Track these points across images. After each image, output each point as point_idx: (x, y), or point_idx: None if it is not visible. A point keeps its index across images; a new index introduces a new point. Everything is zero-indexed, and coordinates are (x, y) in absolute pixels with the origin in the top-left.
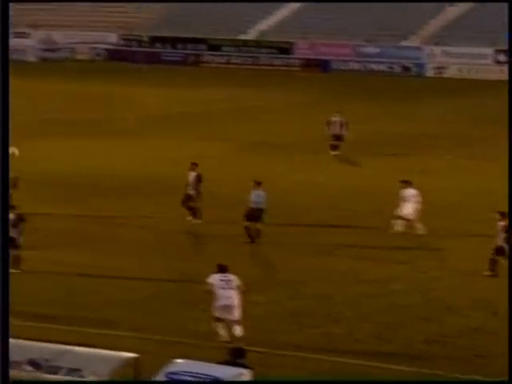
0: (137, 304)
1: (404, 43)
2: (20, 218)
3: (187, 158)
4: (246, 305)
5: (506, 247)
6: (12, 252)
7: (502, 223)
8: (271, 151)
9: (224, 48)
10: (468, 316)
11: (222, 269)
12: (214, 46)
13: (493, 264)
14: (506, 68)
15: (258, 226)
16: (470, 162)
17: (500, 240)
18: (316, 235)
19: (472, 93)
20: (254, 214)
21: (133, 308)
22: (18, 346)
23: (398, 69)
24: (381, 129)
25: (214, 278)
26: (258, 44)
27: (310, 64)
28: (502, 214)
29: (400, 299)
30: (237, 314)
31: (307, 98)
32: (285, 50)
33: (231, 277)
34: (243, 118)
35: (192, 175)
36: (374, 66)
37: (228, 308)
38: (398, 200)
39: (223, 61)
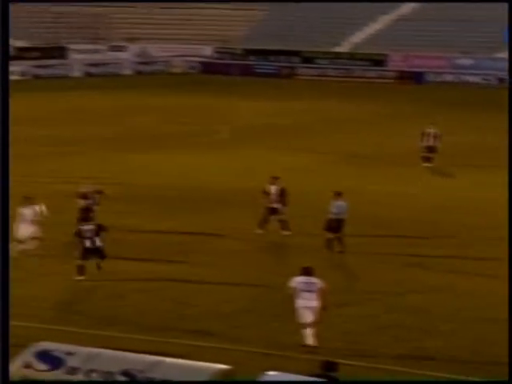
0: (230, 316)
1: (499, 55)
2: (100, 228)
3: (279, 170)
4: (340, 318)
5: None
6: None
7: None
8: (363, 163)
9: (317, 60)
10: None
11: (306, 272)
12: (308, 59)
13: None
14: None
15: (339, 236)
16: None
17: None
18: (408, 247)
19: None
20: (334, 225)
21: (226, 320)
22: (112, 356)
23: (493, 80)
24: (475, 141)
25: (297, 281)
26: (351, 56)
27: (403, 76)
28: None
29: (495, 313)
30: (315, 317)
31: (400, 110)
32: (378, 62)
33: (314, 280)
34: (336, 129)
35: (274, 188)
36: (469, 78)
37: (308, 310)
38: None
39: (316, 73)
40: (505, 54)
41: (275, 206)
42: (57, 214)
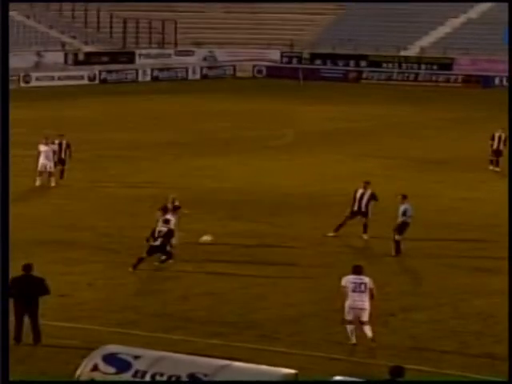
0: (296, 320)
1: None
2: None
3: (346, 175)
4: (407, 322)
5: None
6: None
7: None
8: (430, 168)
9: (384, 64)
10: None
11: (357, 270)
12: (375, 63)
13: None
14: None
15: (397, 238)
16: None
17: None
18: (475, 252)
19: None
20: (400, 228)
21: (293, 324)
22: (178, 359)
23: None
24: None
25: (347, 280)
26: (418, 60)
27: (470, 80)
28: None
29: None
30: (366, 316)
31: (467, 115)
32: (445, 65)
33: (365, 279)
34: (403, 134)
35: (362, 193)
36: None
37: (359, 310)
38: None
39: (383, 77)
40: None
41: (363, 209)
42: (123, 218)
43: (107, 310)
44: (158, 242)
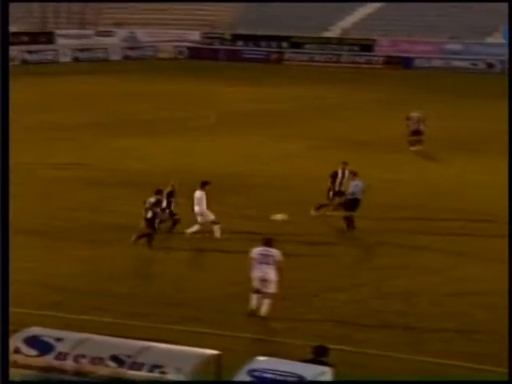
0: (221, 300)
1: (488, 40)
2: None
3: (269, 156)
4: (329, 302)
5: None
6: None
7: None
8: (352, 148)
9: (306, 46)
10: None
11: (265, 243)
12: (297, 44)
13: None
14: None
15: (348, 214)
16: None
17: None
18: (401, 233)
19: None
20: (350, 204)
21: (217, 304)
22: (101, 341)
23: (481, 66)
24: (464, 126)
25: (255, 252)
26: (340, 41)
27: (391, 61)
28: None
29: (486, 298)
30: (272, 288)
31: (389, 96)
32: (367, 47)
33: (272, 251)
34: (325, 115)
35: (341, 173)
36: (458, 63)
37: (264, 281)
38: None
39: (305, 58)
40: (494, 39)
41: (342, 189)
42: (44, 200)
43: (32, 292)
44: (149, 215)
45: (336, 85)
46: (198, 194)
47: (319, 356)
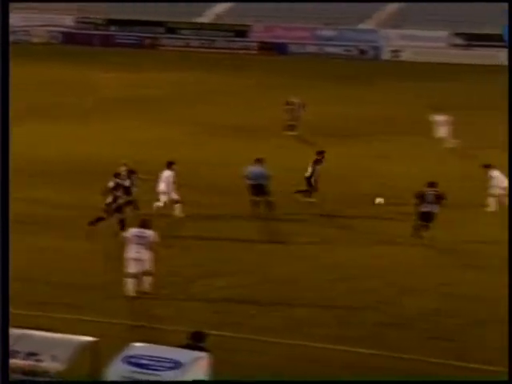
0: (98, 288)
1: (361, 26)
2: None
3: (147, 142)
4: (207, 288)
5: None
6: None
7: (432, 192)
8: (230, 134)
9: (181, 31)
10: (426, 298)
11: (141, 224)
12: (171, 29)
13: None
14: (462, 51)
15: (264, 199)
16: (427, 147)
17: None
18: (275, 220)
19: (429, 76)
20: (256, 190)
21: (95, 291)
22: None
23: (354, 52)
24: (338, 112)
25: (130, 232)
26: (215, 27)
27: (266, 47)
28: (432, 185)
29: (360, 283)
30: (147, 266)
31: (264, 81)
32: (242, 32)
33: (147, 232)
34: (202, 100)
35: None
36: (331, 49)
37: (138, 261)
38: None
39: (181, 44)
40: (366, 26)
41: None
42: None
43: None
44: (109, 199)
45: (212, 70)
46: (166, 173)
47: (196, 341)
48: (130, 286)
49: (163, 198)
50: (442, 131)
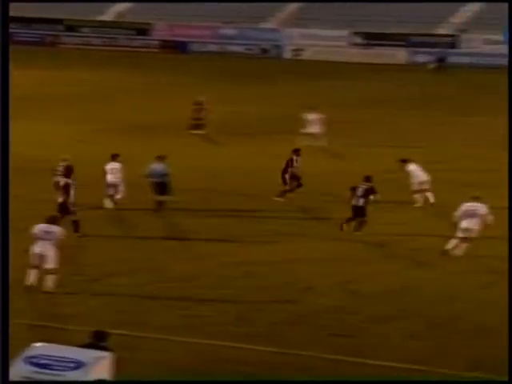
0: None
1: (262, 25)
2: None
3: (49, 140)
4: (110, 287)
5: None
6: None
7: (364, 187)
8: (134, 132)
9: (81, 29)
10: (330, 295)
11: (49, 220)
12: (71, 27)
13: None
14: (363, 50)
15: (160, 198)
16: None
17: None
18: (177, 218)
19: (329, 75)
20: (160, 188)
21: None
22: None
23: (256, 50)
24: (240, 111)
25: (38, 228)
26: (115, 25)
27: (168, 45)
28: (367, 179)
29: (264, 281)
30: (51, 264)
31: (168, 79)
32: (143, 31)
33: (54, 228)
34: (104, 99)
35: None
36: (233, 48)
37: (42, 257)
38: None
39: (81, 42)
40: (268, 25)
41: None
42: None
43: None
44: (61, 199)
45: (114, 68)
46: (113, 165)
47: (98, 341)
48: (30, 276)
49: (111, 191)
50: (314, 128)
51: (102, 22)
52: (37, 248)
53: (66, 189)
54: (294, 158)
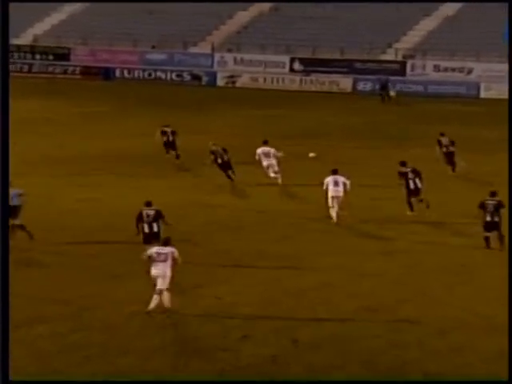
0: None
1: (194, 50)
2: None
3: None
4: (30, 337)
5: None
6: None
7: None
8: (56, 167)
9: None
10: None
11: (164, 242)
12: None
13: None
14: (300, 77)
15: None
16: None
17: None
18: (90, 257)
19: (264, 103)
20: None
21: None
22: None
23: (187, 77)
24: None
25: (151, 251)
26: (32, 49)
27: (90, 71)
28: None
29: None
30: (167, 283)
31: (91, 109)
32: (62, 56)
33: (167, 249)
34: (26, 129)
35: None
36: (161, 74)
37: (161, 278)
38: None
39: None
40: (199, 49)
41: None
42: None
43: None
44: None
45: (31, 98)
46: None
47: None
48: (156, 301)
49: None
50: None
51: (18, 46)
52: (154, 270)
53: None
54: None
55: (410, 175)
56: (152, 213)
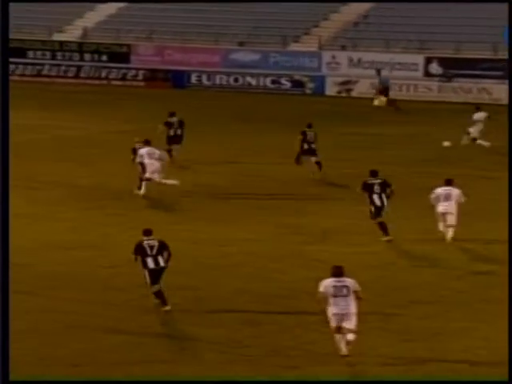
0: None
1: (295, 47)
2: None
3: None
4: None
5: None
6: None
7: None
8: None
9: (31, 53)
10: None
11: (337, 272)
12: (17, 50)
13: None
14: (438, 83)
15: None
16: None
17: None
18: None
19: (388, 119)
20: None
21: None
22: None
23: (286, 84)
24: None
25: (326, 285)
26: (80, 47)
27: (156, 77)
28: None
29: None
30: (354, 323)
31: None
32: (120, 55)
33: (347, 281)
34: (63, 154)
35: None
36: (252, 80)
37: (346, 317)
38: None
39: (31, 72)
40: (299, 47)
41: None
42: None
43: None
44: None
45: (77, 110)
46: None
47: None
48: (341, 344)
49: None
50: None
51: (61, 42)
52: (335, 308)
53: None
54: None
55: (377, 188)
56: (156, 244)
